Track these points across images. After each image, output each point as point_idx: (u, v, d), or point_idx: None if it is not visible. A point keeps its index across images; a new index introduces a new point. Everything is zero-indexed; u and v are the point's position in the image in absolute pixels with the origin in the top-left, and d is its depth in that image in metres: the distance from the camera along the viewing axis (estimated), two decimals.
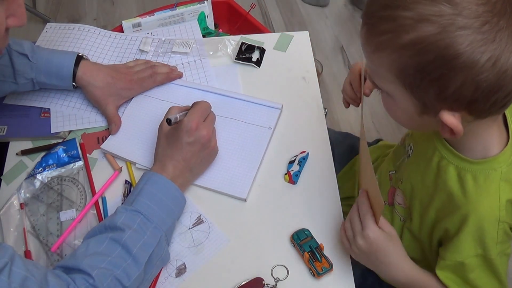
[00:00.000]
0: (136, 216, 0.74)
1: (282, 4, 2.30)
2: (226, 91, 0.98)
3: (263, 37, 1.08)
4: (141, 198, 0.76)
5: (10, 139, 0.94)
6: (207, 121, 0.85)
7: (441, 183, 0.73)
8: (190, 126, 0.81)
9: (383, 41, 0.58)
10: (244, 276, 0.78)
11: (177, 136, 0.82)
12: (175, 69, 1.01)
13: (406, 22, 0.55)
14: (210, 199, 0.86)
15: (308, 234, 0.81)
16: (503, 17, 0.54)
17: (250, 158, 0.89)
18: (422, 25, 0.54)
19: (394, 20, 0.56)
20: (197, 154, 0.83)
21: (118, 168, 0.89)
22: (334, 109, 1.92)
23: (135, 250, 0.71)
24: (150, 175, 0.79)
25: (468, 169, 0.70)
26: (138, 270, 0.70)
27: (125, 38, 1.07)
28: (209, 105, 0.87)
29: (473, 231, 0.69)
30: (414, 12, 0.55)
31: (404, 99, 0.62)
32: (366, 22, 0.61)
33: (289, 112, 0.97)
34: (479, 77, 0.54)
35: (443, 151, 0.73)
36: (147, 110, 0.96)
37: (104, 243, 0.71)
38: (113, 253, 0.70)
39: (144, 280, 0.73)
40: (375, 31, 0.59)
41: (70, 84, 0.92)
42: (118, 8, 2.28)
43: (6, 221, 0.84)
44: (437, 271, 0.74)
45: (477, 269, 0.71)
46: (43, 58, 0.90)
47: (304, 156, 0.89)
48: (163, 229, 0.75)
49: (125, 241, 0.71)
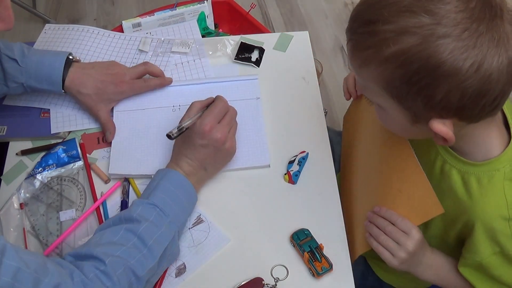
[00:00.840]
0: (153, 209, 0.74)
1: (282, 4, 2.30)
2: (202, 79, 1.00)
3: (263, 37, 1.08)
4: (157, 192, 0.76)
5: (10, 139, 0.94)
6: (222, 122, 0.83)
7: (446, 187, 0.73)
8: (203, 129, 0.80)
9: (367, 56, 0.59)
10: (244, 276, 0.78)
11: (191, 137, 0.82)
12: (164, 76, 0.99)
13: (387, 35, 0.56)
14: (210, 199, 0.86)
15: (308, 234, 0.81)
16: (482, 22, 0.54)
17: (254, 129, 0.93)
18: (403, 37, 0.55)
19: (376, 35, 0.57)
20: (211, 155, 0.82)
21: (106, 178, 0.89)
22: (334, 109, 1.92)
23: (150, 242, 0.70)
24: (166, 171, 0.80)
25: (471, 171, 0.70)
26: (153, 261, 0.70)
27: (124, 38, 1.07)
28: (225, 104, 0.85)
29: (485, 232, 0.70)
30: (395, 25, 0.55)
31: (395, 110, 0.63)
32: (350, 38, 0.62)
33: (289, 112, 0.97)
34: (464, 84, 0.55)
35: (445, 155, 0.73)
36: (136, 121, 0.94)
37: (119, 233, 0.70)
38: (129, 243, 0.69)
39: (156, 273, 0.73)
40: (359, 47, 0.60)
41: (60, 89, 0.90)
42: (118, 8, 2.28)
43: (6, 221, 0.84)
44: (460, 268, 0.76)
45: (500, 267, 0.72)
46: (33, 62, 0.88)
47: (304, 156, 0.89)
48: (177, 224, 0.76)
49: (141, 232, 0.70)
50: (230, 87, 0.98)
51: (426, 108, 0.59)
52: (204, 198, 0.86)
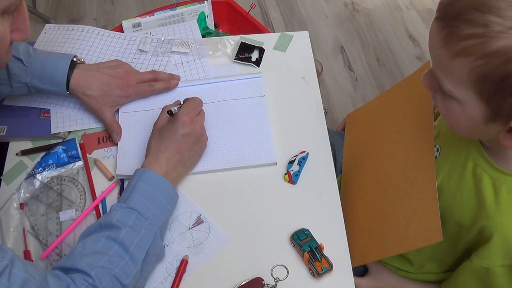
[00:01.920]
0: (131, 213, 0.74)
1: (282, 4, 2.30)
2: (207, 79, 1.00)
3: (263, 37, 1.08)
4: (134, 195, 0.76)
5: (10, 139, 0.94)
6: (199, 115, 0.88)
7: (475, 190, 0.73)
8: (185, 119, 0.83)
9: (468, 46, 0.56)
10: (244, 276, 0.78)
11: (172, 128, 0.83)
12: (175, 76, 1.00)
13: (497, 28, 0.53)
14: (210, 199, 0.86)
15: (308, 234, 0.81)
16: None
17: (260, 127, 0.93)
18: None
19: (485, 26, 0.54)
20: (191, 146, 0.84)
21: (111, 176, 0.89)
22: (334, 109, 1.92)
23: (132, 248, 0.71)
24: (143, 171, 0.79)
25: (503, 180, 0.69)
26: (136, 268, 0.70)
27: (124, 38, 1.07)
28: (200, 101, 0.90)
29: (502, 243, 0.69)
30: (507, 19, 0.53)
31: (474, 106, 0.60)
32: (448, 25, 0.58)
33: (289, 112, 0.97)
34: None
35: (478, 159, 0.72)
36: (142, 122, 0.95)
37: (100, 241, 0.71)
38: (110, 251, 0.70)
39: (141, 277, 0.73)
40: (459, 35, 0.57)
41: (64, 90, 0.90)
42: (118, 8, 2.28)
43: (5, 221, 0.84)
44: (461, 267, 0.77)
45: (501, 277, 0.72)
46: (38, 62, 0.89)
47: (304, 156, 0.89)
48: (157, 225, 0.76)
49: (121, 238, 0.71)
50: (235, 85, 0.99)
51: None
52: (204, 198, 0.86)
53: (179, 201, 0.84)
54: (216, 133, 0.92)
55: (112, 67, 0.95)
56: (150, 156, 0.83)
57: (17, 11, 0.66)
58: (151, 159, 0.82)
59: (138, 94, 0.95)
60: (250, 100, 0.97)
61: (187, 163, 0.85)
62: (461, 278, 0.78)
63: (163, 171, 0.80)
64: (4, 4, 0.62)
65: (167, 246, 0.81)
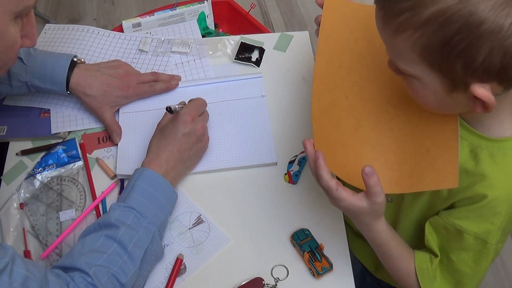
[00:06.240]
0: (130, 212, 0.74)
1: (282, 4, 2.30)
2: (207, 79, 1.00)
3: (263, 37, 1.08)
4: (133, 194, 0.76)
5: (10, 139, 0.94)
6: (202, 116, 0.88)
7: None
8: (186, 118, 0.84)
9: (403, 20, 0.56)
10: (244, 276, 0.78)
11: (173, 127, 0.84)
12: (175, 77, 1.00)
13: None
14: (210, 199, 0.86)
15: (308, 234, 0.81)
16: None
17: (260, 127, 0.94)
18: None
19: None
20: (191, 146, 0.84)
21: (113, 174, 0.89)
22: None
23: (130, 246, 0.71)
24: (142, 170, 0.79)
25: (484, 146, 0.68)
26: (134, 267, 0.70)
27: (124, 38, 1.07)
28: (204, 102, 0.90)
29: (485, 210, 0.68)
30: None
31: (431, 79, 0.60)
32: (382, 5, 0.59)
33: (289, 112, 0.97)
34: (506, 42, 0.53)
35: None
36: (142, 122, 0.95)
37: (99, 240, 0.71)
38: (109, 250, 0.70)
39: (140, 276, 0.73)
40: (393, 13, 0.57)
41: (64, 90, 0.90)
42: (118, 8, 2.28)
43: (5, 221, 0.84)
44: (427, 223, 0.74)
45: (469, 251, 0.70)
46: (38, 61, 0.89)
47: (304, 156, 0.89)
48: (156, 224, 0.76)
49: (120, 237, 0.71)
50: (235, 86, 0.99)
51: (466, 72, 0.57)
52: (204, 198, 0.86)
53: (179, 201, 0.84)
54: (216, 133, 0.92)
55: (112, 67, 0.95)
56: (151, 154, 0.83)
57: (26, 18, 0.67)
58: (151, 157, 0.82)
59: (138, 94, 0.95)
60: (250, 101, 0.97)
61: (187, 162, 0.85)
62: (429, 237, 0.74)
63: (162, 170, 0.80)
64: (20, 7, 0.63)
65: (167, 246, 0.81)
